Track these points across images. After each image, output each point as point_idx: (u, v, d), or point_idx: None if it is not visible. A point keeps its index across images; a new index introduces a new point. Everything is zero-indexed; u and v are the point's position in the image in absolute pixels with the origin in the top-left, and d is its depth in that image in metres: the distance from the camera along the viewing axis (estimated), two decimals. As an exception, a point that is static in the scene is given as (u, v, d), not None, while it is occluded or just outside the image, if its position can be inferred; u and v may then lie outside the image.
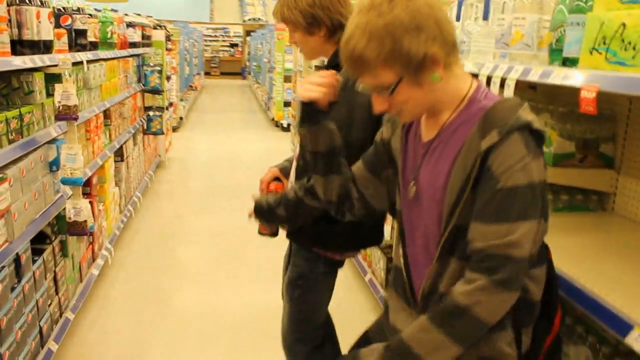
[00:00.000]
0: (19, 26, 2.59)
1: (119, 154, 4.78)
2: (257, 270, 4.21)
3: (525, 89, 2.65)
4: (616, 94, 2.02)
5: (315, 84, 1.48)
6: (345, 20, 1.97)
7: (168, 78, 7.18)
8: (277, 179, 2.24)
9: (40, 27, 2.68)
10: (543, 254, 1.37)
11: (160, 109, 6.20)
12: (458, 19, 2.47)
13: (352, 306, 3.67)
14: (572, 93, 1.53)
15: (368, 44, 1.21)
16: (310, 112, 1.51)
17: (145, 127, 5.96)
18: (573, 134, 2.23)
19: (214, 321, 3.44)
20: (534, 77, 1.63)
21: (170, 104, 7.71)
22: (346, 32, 1.26)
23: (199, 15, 23.55)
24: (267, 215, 1.87)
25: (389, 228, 3.57)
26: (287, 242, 2.26)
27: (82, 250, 3.51)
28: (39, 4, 2.68)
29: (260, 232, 2.24)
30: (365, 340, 1.68)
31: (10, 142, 2.36)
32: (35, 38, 2.66)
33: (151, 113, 6.04)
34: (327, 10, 1.96)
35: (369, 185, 1.57)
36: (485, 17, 2.05)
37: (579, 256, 1.78)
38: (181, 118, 10.74)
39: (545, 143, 2.23)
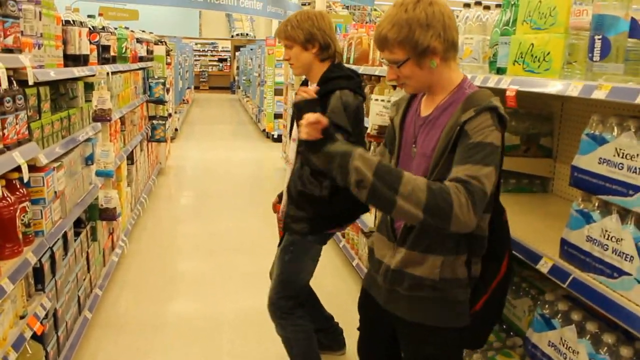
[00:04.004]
0: (65, 43, 3.11)
1: (130, 158, 5.29)
2: (246, 266, 4.73)
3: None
4: (551, 95, 2.58)
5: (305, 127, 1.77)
6: (334, 45, 2.56)
7: (167, 90, 7.70)
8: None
9: (81, 43, 3.22)
10: (490, 207, 1.82)
11: (163, 118, 6.72)
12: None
13: (342, 290, 4.18)
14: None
15: (391, 29, 1.70)
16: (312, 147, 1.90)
17: (149, 134, 6.47)
18: (518, 130, 2.79)
19: (210, 313, 3.97)
20: (477, 82, 2.19)
21: (170, 115, 8.23)
22: (380, 20, 1.77)
23: (189, 31, 24.01)
24: None
25: (372, 217, 4.11)
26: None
27: (105, 238, 4.02)
28: (80, 24, 3.22)
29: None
30: (363, 289, 2.16)
31: (62, 137, 2.88)
32: (77, 52, 3.20)
33: (155, 122, 6.55)
34: (321, 31, 2.54)
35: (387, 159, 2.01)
36: (446, 37, 2.62)
37: (524, 223, 2.30)
38: (176, 129, 11.24)
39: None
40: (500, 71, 2.12)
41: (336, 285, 4.25)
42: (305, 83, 2.80)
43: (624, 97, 1.45)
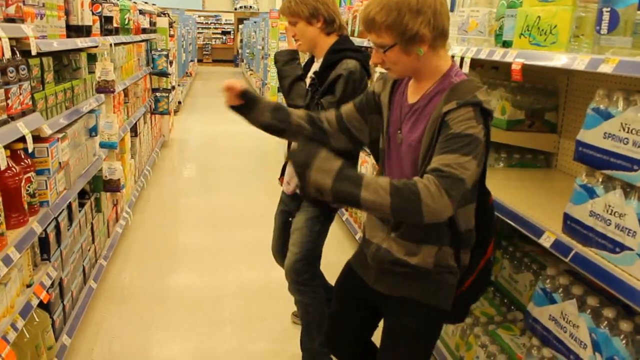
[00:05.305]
0: (67, 13, 3.09)
1: (133, 130, 5.29)
2: (248, 241, 4.76)
3: (489, 68, 3.20)
4: (557, 70, 2.56)
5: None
6: (338, 18, 2.54)
7: (171, 63, 7.65)
8: None
9: (84, 14, 3.19)
10: (474, 196, 1.81)
11: (167, 90, 6.69)
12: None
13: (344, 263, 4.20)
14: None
15: (380, 12, 1.62)
16: (237, 110, 1.99)
17: (153, 107, 6.45)
18: (523, 104, 2.77)
19: (213, 285, 4.01)
20: (483, 55, 2.17)
21: (173, 87, 8.19)
22: (368, 1, 1.71)
23: (191, 3, 23.72)
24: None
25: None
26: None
27: (110, 210, 4.04)
28: (82, -6, 3.18)
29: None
30: (348, 268, 2.15)
31: (66, 108, 2.87)
32: (80, 23, 3.17)
33: (158, 94, 6.53)
34: (325, 5, 2.53)
35: (355, 122, 1.96)
36: (452, 9, 2.59)
37: (527, 198, 2.30)
38: (180, 102, 11.20)
39: (500, 111, 2.79)
40: (506, 44, 2.10)
41: (339, 258, 4.23)
42: (311, 60, 2.78)
43: (631, 70, 1.44)
